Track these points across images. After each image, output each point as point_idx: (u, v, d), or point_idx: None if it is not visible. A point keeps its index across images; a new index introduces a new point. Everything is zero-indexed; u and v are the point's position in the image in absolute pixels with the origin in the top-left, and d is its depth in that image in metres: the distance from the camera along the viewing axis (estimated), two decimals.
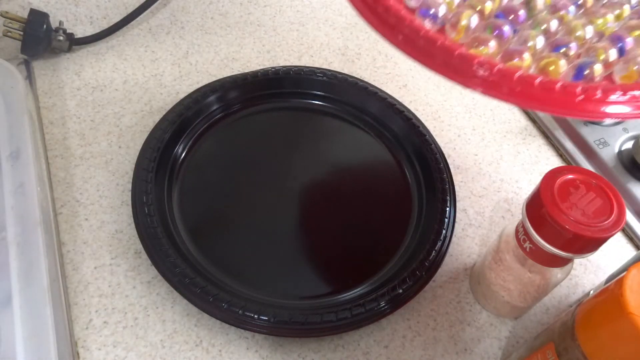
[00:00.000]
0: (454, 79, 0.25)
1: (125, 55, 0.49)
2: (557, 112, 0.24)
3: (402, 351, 0.34)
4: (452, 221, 0.38)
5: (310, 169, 0.42)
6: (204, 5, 0.54)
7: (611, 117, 0.24)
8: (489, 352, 0.35)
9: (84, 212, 0.39)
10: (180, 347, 0.33)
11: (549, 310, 0.37)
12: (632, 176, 0.43)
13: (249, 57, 0.50)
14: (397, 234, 0.39)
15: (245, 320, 0.32)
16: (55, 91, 0.45)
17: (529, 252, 0.30)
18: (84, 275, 0.36)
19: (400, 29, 0.25)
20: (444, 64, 0.25)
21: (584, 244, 0.27)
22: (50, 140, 0.42)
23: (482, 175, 0.44)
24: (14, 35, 0.45)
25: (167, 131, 0.41)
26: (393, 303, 0.34)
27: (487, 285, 0.35)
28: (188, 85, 0.47)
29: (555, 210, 0.26)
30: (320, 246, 0.38)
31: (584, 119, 0.24)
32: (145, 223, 0.35)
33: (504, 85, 0.24)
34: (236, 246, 0.37)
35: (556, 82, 0.24)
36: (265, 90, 0.45)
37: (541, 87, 0.24)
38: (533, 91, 0.24)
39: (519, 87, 0.24)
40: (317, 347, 0.34)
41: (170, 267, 0.34)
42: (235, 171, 0.41)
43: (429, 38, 0.25)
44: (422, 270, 0.35)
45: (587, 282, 0.39)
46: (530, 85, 0.24)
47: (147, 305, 0.35)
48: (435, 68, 0.25)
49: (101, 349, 0.33)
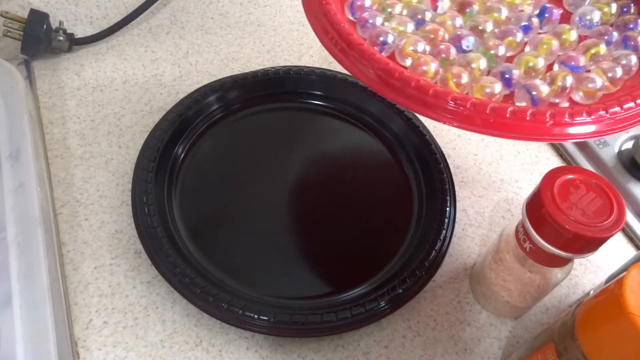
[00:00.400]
0: (429, 115, 0.26)
1: (125, 55, 0.49)
2: (529, 139, 0.25)
3: (402, 351, 0.34)
4: (452, 221, 0.38)
5: (311, 168, 0.42)
6: (204, 5, 0.54)
7: (579, 138, 0.25)
8: (489, 352, 0.35)
9: (84, 212, 0.39)
10: (180, 347, 0.33)
11: (549, 310, 0.37)
12: (632, 176, 0.43)
13: (249, 57, 0.50)
14: (397, 234, 0.39)
15: (245, 320, 0.32)
16: (55, 91, 0.45)
17: (529, 252, 0.30)
18: (84, 275, 0.36)
19: (374, 70, 0.26)
20: (420, 102, 0.25)
21: (584, 244, 0.27)
22: (50, 140, 0.42)
23: (482, 175, 0.44)
24: (14, 35, 0.45)
25: (167, 131, 0.41)
26: (393, 303, 0.34)
27: (487, 285, 0.35)
28: (188, 85, 0.47)
29: (555, 210, 0.26)
30: (320, 246, 0.38)
31: (555, 141, 0.25)
32: (145, 223, 0.35)
33: (477, 118, 0.25)
34: (236, 246, 0.37)
35: (526, 109, 0.24)
36: (265, 90, 0.45)
37: (513, 116, 0.24)
38: (506, 121, 0.24)
39: (492, 118, 0.25)
40: (317, 347, 0.34)
41: (170, 267, 0.34)
42: (235, 171, 0.41)
43: (404, 79, 0.25)
44: (422, 270, 0.35)
45: (587, 282, 0.39)
46: (503, 115, 0.24)
47: (147, 305, 0.35)
48: (410, 106, 0.26)
49: (101, 349, 0.33)
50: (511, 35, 0.29)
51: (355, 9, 0.30)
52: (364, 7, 0.30)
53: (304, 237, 0.38)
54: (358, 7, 0.30)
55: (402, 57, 0.28)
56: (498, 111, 0.25)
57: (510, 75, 0.27)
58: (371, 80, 0.26)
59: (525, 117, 0.24)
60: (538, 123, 0.24)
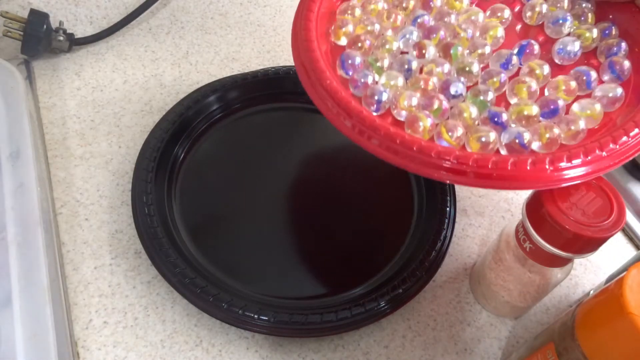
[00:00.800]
0: (433, 176, 0.27)
1: (125, 55, 0.49)
2: (532, 187, 0.26)
3: (402, 351, 0.34)
4: (452, 221, 0.38)
5: (310, 168, 0.43)
6: (204, 5, 0.54)
7: (579, 179, 0.25)
8: (489, 352, 0.35)
9: (84, 212, 0.39)
10: (180, 347, 0.33)
11: (549, 310, 0.37)
12: (632, 176, 0.43)
13: (249, 57, 0.50)
14: (397, 234, 0.39)
15: (245, 320, 0.32)
16: (55, 91, 0.45)
17: (529, 252, 0.30)
18: (84, 275, 0.36)
19: (375, 135, 0.28)
20: (421, 163, 0.27)
21: (584, 244, 0.27)
22: (50, 140, 0.42)
23: None
24: (14, 35, 0.45)
25: (167, 131, 0.41)
26: (393, 303, 0.34)
27: (487, 285, 0.35)
28: (188, 85, 0.47)
29: (555, 210, 0.26)
30: (320, 246, 0.38)
31: (554, 187, 0.26)
32: (145, 223, 0.35)
33: (479, 174, 0.26)
34: (236, 246, 0.37)
35: (526, 159, 0.25)
36: (265, 90, 0.45)
37: (514, 166, 0.25)
38: (506, 173, 0.25)
39: (495, 172, 0.25)
40: (317, 347, 0.34)
41: (170, 267, 0.34)
42: (235, 171, 0.41)
43: (405, 143, 0.27)
44: (422, 270, 0.35)
45: (587, 282, 0.39)
46: (504, 168, 0.25)
47: (147, 305, 0.35)
48: (410, 168, 0.27)
49: (101, 349, 0.33)
50: (495, 76, 0.30)
51: (347, 68, 0.31)
52: (355, 65, 0.31)
53: (304, 237, 0.38)
54: (349, 65, 0.31)
55: (398, 111, 0.29)
56: (499, 164, 0.25)
57: (501, 120, 0.28)
58: (375, 148, 0.28)
59: (526, 166, 0.25)
60: (538, 172, 0.25)
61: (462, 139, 0.28)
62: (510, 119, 0.28)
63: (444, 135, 0.28)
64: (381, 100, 0.29)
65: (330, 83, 0.29)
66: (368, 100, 0.30)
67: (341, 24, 0.33)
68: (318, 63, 0.30)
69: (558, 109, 0.28)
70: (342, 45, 0.33)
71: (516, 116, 0.28)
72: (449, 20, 0.33)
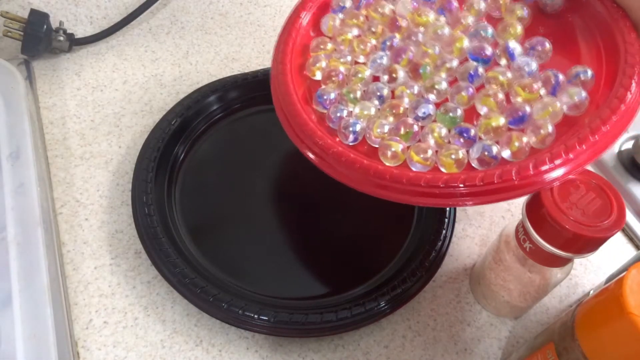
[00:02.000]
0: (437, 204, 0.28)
1: (125, 56, 0.49)
2: (518, 196, 0.27)
3: (402, 351, 0.34)
4: (452, 221, 0.38)
5: (311, 168, 0.42)
6: (204, 5, 0.54)
7: (558, 180, 0.26)
8: (489, 352, 0.35)
9: (84, 212, 0.39)
10: (180, 347, 0.33)
11: (549, 310, 0.37)
12: (631, 176, 0.43)
13: (249, 57, 0.50)
14: (397, 234, 0.39)
15: (245, 320, 0.32)
16: (55, 91, 0.45)
17: (529, 252, 0.30)
18: (84, 275, 0.36)
19: (373, 180, 0.29)
20: (426, 195, 0.28)
21: (583, 244, 0.27)
22: (51, 140, 0.42)
23: None
24: (14, 35, 0.45)
25: (167, 131, 0.41)
26: (393, 303, 0.34)
27: (487, 285, 0.35)
28: (188, 86, 0.47)
29: (555, 210, 0.26)
30: (320, 246, 0.38)
31: (534, 191, 0.28)
32: (145, 223, 0.35)
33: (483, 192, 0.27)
34: (236, 246, 0.37)
35: (511, 169, 0.26)
36: (265, 91, 0.45)
37: (500, 179, 0.26)
38: (495, 186, 0.27)
39: (486, 187, 0.27)
40: (317, 347, 0.34)
41: (170, 267, 0.34)
42: (236, 171, 0.41)
43: (410, 179, 0.28)
44: (422, 270, 0.35)
45: (587, 282, 0.39)
46: (491, 182, 0.26)
47: (147, 305, 0.35)
48: (405, 199, 0.29)
49: (101, 349, 0.33)
50: (463, 90, 0.30)
51: (323, 103, 0.33)
52: (330, 100, 0.33)
53: (304, 237, 0.38)
54: (325, 101, 0.33)
55: (372, 139, 0.31)
56: (488, 178, 0.26)
57: (470, 135, 0.29)
58: (358, 182, 0.30)
59: (511, 177, 0.26)
60: (524, 178, 0.26)
61: (434, 159, 0.29)
62: (479, 132, 0.29)
63: (414, 158, 0.29)
64: (355, 131, 0.31)
65: (312, 130, 0.31)
66: (343, 133, 0.31)
67: (314, 61, 0.34)
68: (295, 106, 0.32)
69: (526, 115, 0.29)
70: (318, 79, 0.35)
71: (484, 129, 0.29)
72: (417, 38, 0.34)
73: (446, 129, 0.30)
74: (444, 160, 0.29)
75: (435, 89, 0.31)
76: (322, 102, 0.33)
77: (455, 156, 0.28)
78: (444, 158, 0.29)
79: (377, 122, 0.31)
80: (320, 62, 0.34)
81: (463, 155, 0.28)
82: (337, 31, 0.35)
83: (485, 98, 0.30)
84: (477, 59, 0.32)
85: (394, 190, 0.29)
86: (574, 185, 0.27)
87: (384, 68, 0.33)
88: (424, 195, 0.28)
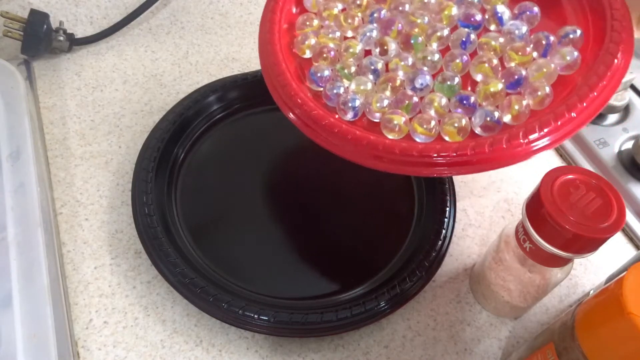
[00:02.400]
0: (421, 173, 0.29)
1: (125, 56, 0.49)
2: (511, 163, 0.27)
3: (402, 351, 0.34)
4: (452, 221, 0.38)
5: (310, 169, 0.42)
6: (204, 5, 0.54)
7: (553, 145, 0.27)
8: (489, 352, 0.35)
9: (84, 212, 0.39)
10: (180, 347, 0.33)
11: (548, 310, 0.37)
12: (631, 176, 0.43)
13: (249, 57, 0.50)
14: (397, 234, 0.39)
15: (245, 320, 0.32)
16: (55, 91, 0.45)
17: (529, 252, 0.30)
18: (84, 275, 0.36)
19: (357, 147, 0.29)
20: (411, 164, 0.28)
21: (583, 244, 0.27)
22: (51, 140, 0.42)
23: (482, 175, 0.44)
24: (14, 35, 0.45)
25: (167, 131, 0.41)
26: (393, 303, 0.34)
27: (487, 285, 0.35)
28: (188, 85, 0.47)
29: (555, 210, 0.26)
30: (320, 246, 0.38)
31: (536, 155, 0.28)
32: (145, 223, 0.35)
33: (460, 162, 0.27)
34: (236, 246, 0.37)
35: (501, 138, 0.27)
36: (265, 90, 0.45)
37: (491, 148, 0.27)
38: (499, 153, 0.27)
39: (475, 158, 0.27)
40: (317, 347, 0.34)
41: (170, 267, 0.34)
42: (235, 171, 0.41)
43: (387, 148, 0.28)
44: (422, 270, 0.35)
45: (587, 282, 0.39)
46: (483, 152, 0.27)
47: (147, 305, 0.35)
48: (403, 169, 0.29)
49: (101, 349, 0.33)
50: (457, 58, 0.31)
51: (317, 81, 0.33)
52: (324, 77, 0.33)
53: (304, 236, 0.38)
54: (319, 78, 0.32)
55: (372, 114, 0.31)
56: (495, 144, 0.27)
57: (470, 102, 0.29)
58: (360, 159, 0.30)
59: (502, 145, 0.26)
60: (515, 147, 0.26)
61: (437, 128, 0.29)
62: (479, 99, 0.29)
63: (418, 130, 0.29)
64: (355, 107, 0.31)
65: (310, 108, 0.31)
66: (342, 109, 0.31)
67: (303, 39, 0.34)
68: (288, 80, 0.32)
69: (522, 78, 0.29)
70: (308, 57, 0.34)
71: (484, 95, 0.29)
72: (404, 9, 0.33)
73: (446, 98, 0.30)
74: (447, 129, 0.29)
75: (429, 60, 0.31)
76: (316, 80, 0.32)
77: (458, 124, 0.28)
78: (447, 127, 0.29)
79: (376, 96, 0.30)
80: (309, 39, 0.34)
81: (466, 122, 0.28)
82: (322, 6, 0.35)
83: (480, 65, 0.30)
84: (467, 25, 0.32)
85: (398, 163, 0.29)
86: (573, 185, 0.27)
87: (375, 41, 0.33)
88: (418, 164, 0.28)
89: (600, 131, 0.46)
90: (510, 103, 0.28)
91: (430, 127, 0.29)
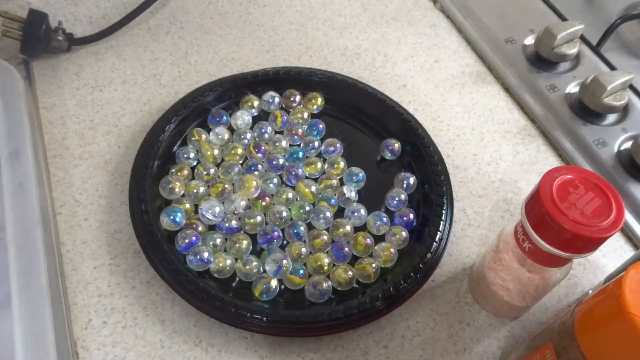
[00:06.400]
0: None
1: (124, 55, 0.49)
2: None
3: (401, 351, 0.34)
4: (449, 223, 0.38)
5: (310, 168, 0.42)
6: (203, 5, 0.54)
7: None
8: (488, 352, 0.35)
9: (83, 212, 0.39)
10: (180, 347, 0.33)
11: (547, 310, 0.37)
12: (630, 176, 0.43)
13: (249, 57, 0.50)
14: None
15: (245, 320, 0.32)
16: (54, 91, 0.45)
17: (528, 251, 0.30)
18: (83, 275, 0.36)
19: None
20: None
21: (582, 244, 0.27)
22: (50, 140, 0.42)
23: (481, 175, 0.44)
24: (13, 35, 0.44)
25: (166, 131, 0.41)
26: (390, 303, 0.34)
27: (486, 285, 0.35)
28: (187, 85, 0.47)
29: (554, 210, 0.26)
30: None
31: None
32: (143, 222, 0.35)
33: None
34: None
35: None
36: (265, 91, 0.45)
37: None
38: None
39: None
40: (316, 347, 0.34)
41: (168, 266, 0.34)
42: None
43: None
44: (418, 272, 0.35)
45: (586, 282, 0.39)
46: None
47: (147, 305, 0.35)
48: None
49: (100, 349, 0.33)
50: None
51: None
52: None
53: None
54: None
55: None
56: None
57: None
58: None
59: None
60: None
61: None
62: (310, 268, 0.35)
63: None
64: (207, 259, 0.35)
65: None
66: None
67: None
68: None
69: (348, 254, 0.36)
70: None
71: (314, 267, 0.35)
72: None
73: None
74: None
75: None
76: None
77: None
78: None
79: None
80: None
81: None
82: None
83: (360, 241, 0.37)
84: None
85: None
86: (573, 185, 0.28)
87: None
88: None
89: (599, 131, 0.46)
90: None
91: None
